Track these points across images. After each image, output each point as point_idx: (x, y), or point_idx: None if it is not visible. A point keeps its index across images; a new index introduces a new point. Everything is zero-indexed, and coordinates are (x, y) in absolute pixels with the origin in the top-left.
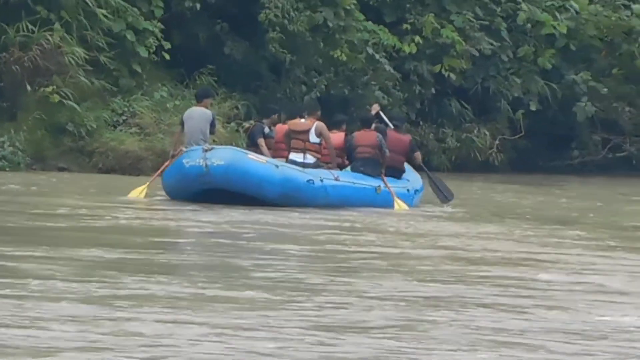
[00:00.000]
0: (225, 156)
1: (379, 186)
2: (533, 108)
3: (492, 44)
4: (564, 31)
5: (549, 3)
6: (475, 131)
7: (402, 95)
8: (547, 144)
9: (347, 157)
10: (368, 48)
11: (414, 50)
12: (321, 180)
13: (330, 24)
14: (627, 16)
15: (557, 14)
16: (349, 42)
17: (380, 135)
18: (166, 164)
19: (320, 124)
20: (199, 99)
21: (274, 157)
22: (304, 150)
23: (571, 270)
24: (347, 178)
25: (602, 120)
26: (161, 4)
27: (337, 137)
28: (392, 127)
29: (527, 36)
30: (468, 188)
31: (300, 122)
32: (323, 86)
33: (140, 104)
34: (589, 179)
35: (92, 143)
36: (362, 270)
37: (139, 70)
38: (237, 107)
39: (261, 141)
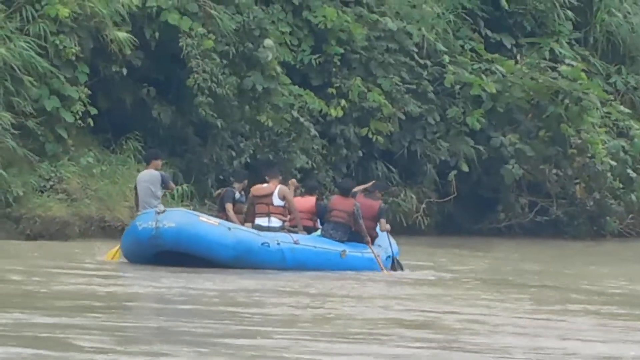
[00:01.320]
0: (176, 219)
1: (344, 250)
2: (465, 169)
3: (419, 107)
4: (493, 91)
5: (475, 66)
6: (401, 195)
7: (327, 159)
8: (473, 206)
9: (319, 220)
10: (293, 112)
11: (341, 113)
12: (278, 244)
13: (259, 88)
14: (554, 78)
15: (483, 76)
16: (274, 106)
17: (358, 205)
18: (128, 227)
19: (283, 187)
20: (147, 161)
21: (245, 222)
22: (268, 214)
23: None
24: (308, 242)
25: (529, 183)
26: (86, 70)
27: (308, 201)
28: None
29: (454, 99)
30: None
31: (263, 187)
32: (251, 151)
33: (67, 169)
34: (516, 241)
35: (19, 209)
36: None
37: (65, 135)
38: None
39: (229, 206)
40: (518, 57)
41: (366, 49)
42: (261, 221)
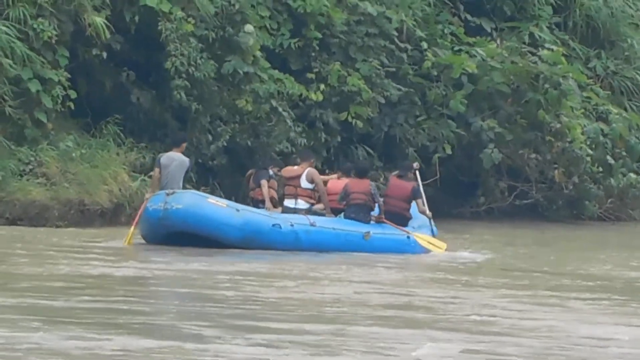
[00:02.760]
0: (183, 200)
1: (368, 232)
2: (448, 151)
3: (399, 90)
4: (474, 70)
5: (455, 49)
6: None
7: (306, 143)
8: (453, 190)
9: (343, 203)
10: (272, 100)
11: (320, 98)
12: (291, 225)
13: (241, 72)
14: (534, 62)
15: (463, 59)
16: (253, 92)
17: (374, 185)
18: (142, 207)
19: (312, 170)
20: (178, 144)
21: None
22: (295, 196)
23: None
24: (327, 224)
25: (508, 167)
26: (66, 53)
27: (342, 183)
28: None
29: (434, 82)
30: None
31: (293, 169)
32: (228, 136)
33: (46, 153)
34: (496, 225)
35: None
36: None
37: (44, 120)
38: (143, 157)
39: (264, 182)
40: (498, 41)
41: (345, 33)
42: (289, 203)
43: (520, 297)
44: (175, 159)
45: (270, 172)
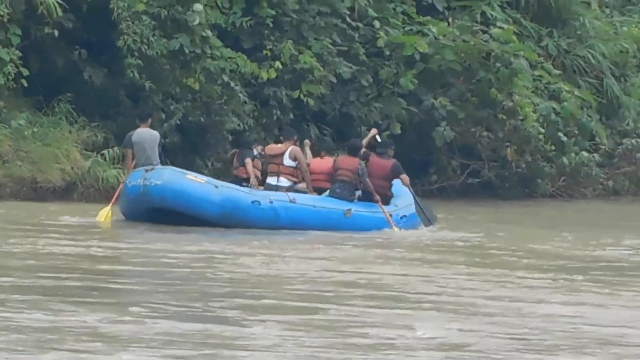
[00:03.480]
0: (162, 176)
1: (349, 209)
2: (398, 131)
3: (351, 67)
4: (425, 49)
5: (407, 28)
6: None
7: (259, 121)
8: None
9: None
10: (224, 76)
11: (273, 76)
12: (270, 202)
13: (187, 51)
14: (485, 40)
15: (416, 38)
16: (205, 70)
17: (363, 164)
18: (121, 185)
19: (295, 148)
20: (144, 119)
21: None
22: (277, 174)
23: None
24: (307, 201)
25: (461, 146)
26: (18, 32)
27: (326, 162)
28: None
29: (387, 61)
30: None
31: (276, 147)
32: (181, 114)
33: None
34: (448, 203)
35: None
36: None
37: None
38: (95, 135)
39: (248, 160)
40: (450, 20)
41: (298, 11)
42: (271, 180)
43: (483, 275)
44: (146, 135)
45: (255, 151)
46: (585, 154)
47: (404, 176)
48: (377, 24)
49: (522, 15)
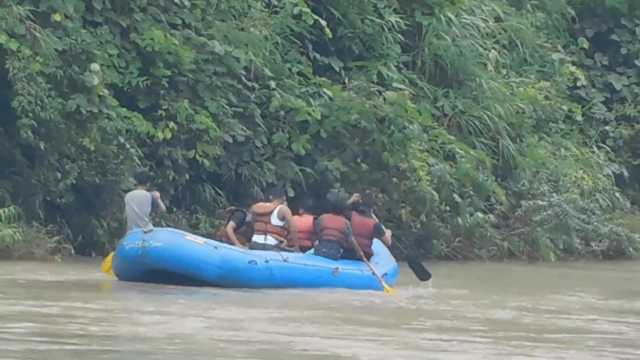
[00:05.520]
0: (162, 238)
1: (337, 268)
2: (291, 194)
3: (245, 130)
4: (319, 117)
5: (303, 89)
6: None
7: (154, 181)
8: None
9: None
10: (120, 137)
11: (169, 136)
12: (266, 261)
13: (83, 111)
14: (380, 105)
15: (311, 100)
16: (101, 130)
17: (349, 222)
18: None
19: (284, 207)
20: (142, 182)
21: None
22: (265, 232)
23: None
24: (299, 260)
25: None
26: None
27: (306, 220)
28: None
29: (281, 123)
30: None
31: (264, 205)
32: (76, 173)
33: None
34: None
35: None
36: None
37: None
38: None
39: (230, 225)
40: (346, 80)
41: (194, 71)
42: (258, 238)
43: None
44: (135, 196)
45: (249, 216)
46: (480, 214)
47: (386, 237)
48: (272, 83)
49: (419, 76)
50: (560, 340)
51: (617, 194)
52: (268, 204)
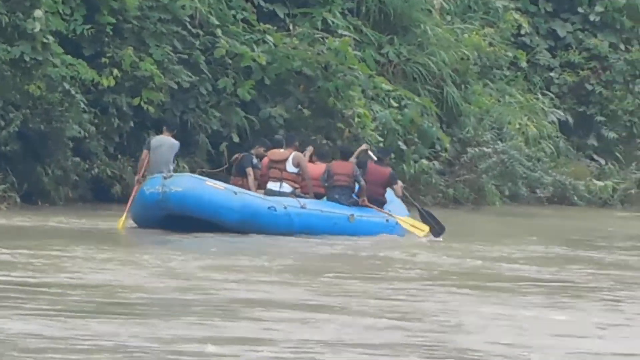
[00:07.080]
0: (182, 183)
1: (352, 214)
2: (236, 139)
3: (190, 77)
4: (263, 62)
5: (247, 37)
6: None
7: (99, 128)
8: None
9: (323, 186)
10: (65, 83)
11: (113, 83)
12: (285, 208)
13: (27, 58)
14: (324, 52)
15: (255, 47)
16: (46, 77)
17: (356, 167)
18: (134, 190)
19: (298, 154)
20: (170, 128)
21: (259, 188)
22: (280, 179)
23: None
24: (316, 206)
25: None
26: None
27: (319, 167)
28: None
29: (226, 69)
30: None
31: (279, 152)
32: (19, 121)
33: None
34: None
35: None
36: None
37: None
38: None
39: (249, 170)
40: (291, 27)
41: (139, 18)
42: (273, 186)
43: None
44: (165, 142)
45: (254, 160)
46: (425, 162)
47: (397, 186)
48: (218, 31)
49: (363, 23)
50: (506, 288)
51: (561, 141)
52: (282, 150)
